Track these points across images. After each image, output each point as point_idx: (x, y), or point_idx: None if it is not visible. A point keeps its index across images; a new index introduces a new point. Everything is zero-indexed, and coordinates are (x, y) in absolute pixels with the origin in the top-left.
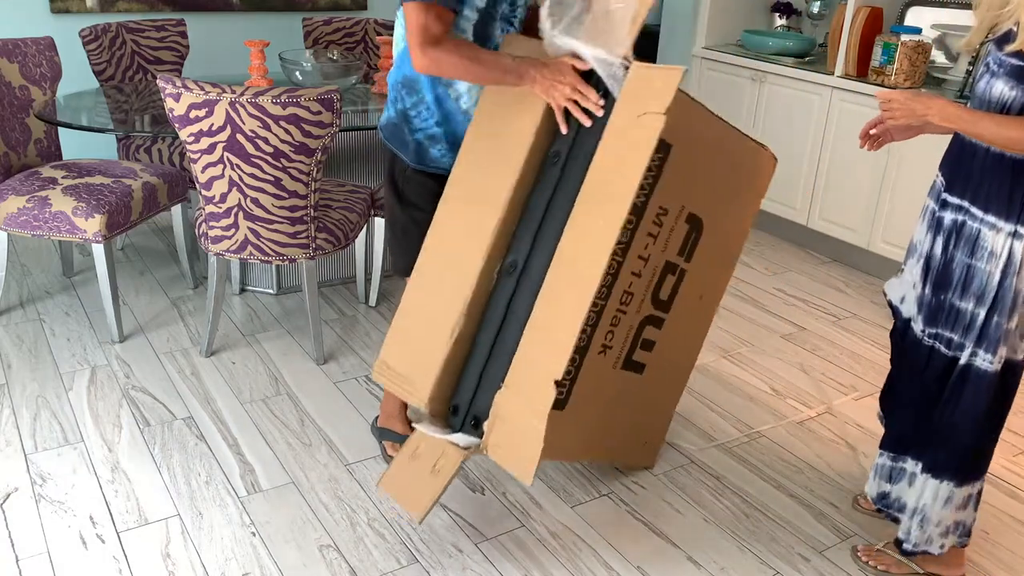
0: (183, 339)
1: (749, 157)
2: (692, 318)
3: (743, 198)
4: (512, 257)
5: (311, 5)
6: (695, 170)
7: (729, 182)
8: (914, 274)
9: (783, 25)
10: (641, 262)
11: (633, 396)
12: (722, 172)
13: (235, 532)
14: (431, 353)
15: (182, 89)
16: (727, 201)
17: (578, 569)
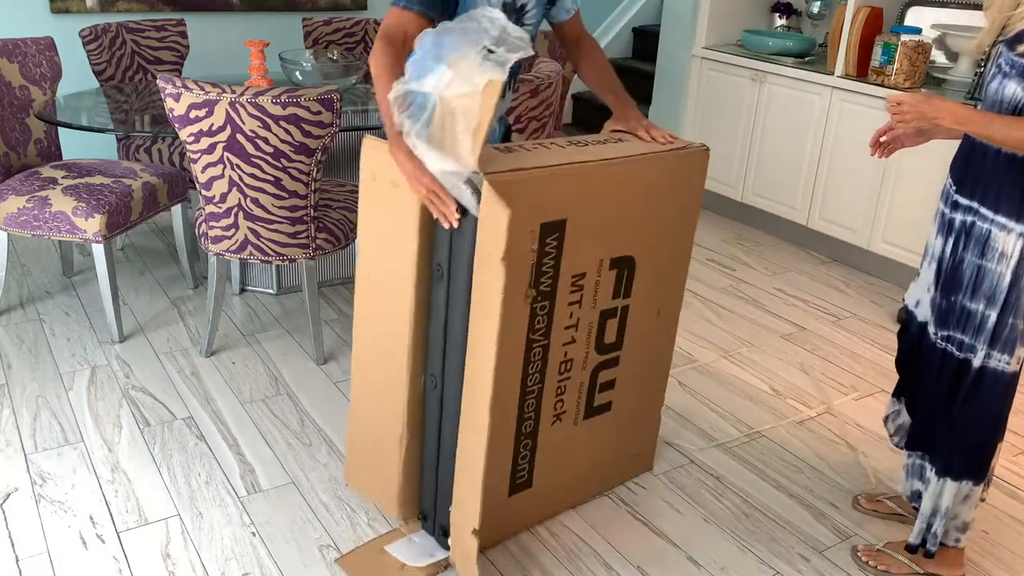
0: (183, 339)
1: (672, 169)
2: (653, 334)
3: (678, 206)
4: (430, 371)
5: (311, 5)
6: (606, 222)
7: (656, 205)
8: (928, 277)
9: (783, 25)
10: (571, 329)
11: (607, 431)
12: (643, 202)
13: (235, 532)
14: (388, 466)
15: (182, 89)
16: (659, 222)
17: (578, 569)
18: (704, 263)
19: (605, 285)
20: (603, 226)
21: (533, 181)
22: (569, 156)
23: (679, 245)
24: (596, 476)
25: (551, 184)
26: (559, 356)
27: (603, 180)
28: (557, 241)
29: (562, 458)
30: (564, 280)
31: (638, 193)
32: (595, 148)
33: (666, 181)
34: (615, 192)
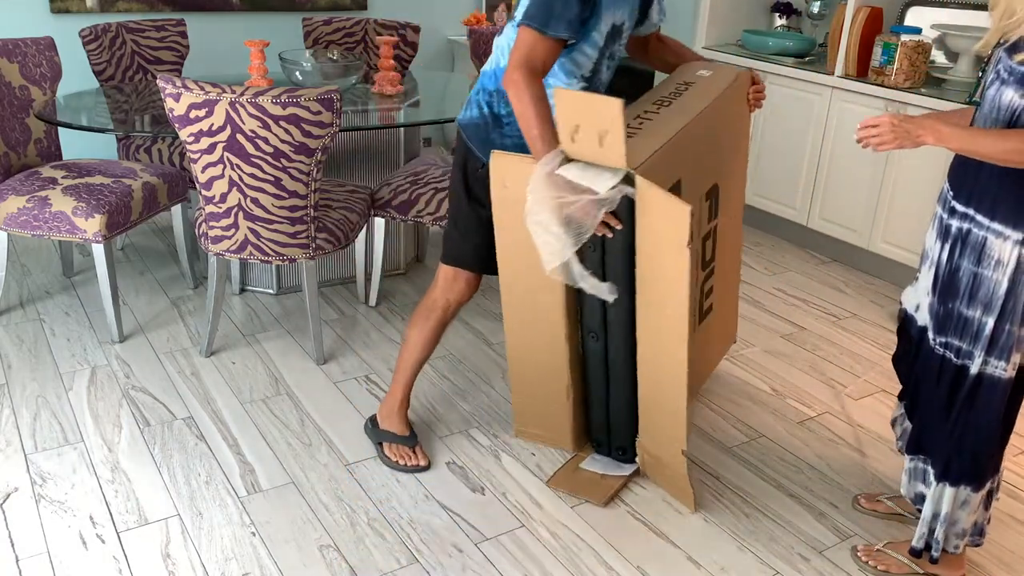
0: (183, 339)
1: (731, 100)
2: (731, 235)
3: (737, 126)
4: (590, 329)
5: (311, 5)
6: (700, 165)
7: (725, 134)
8: (926, 281)
9: (783, 25)
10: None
11: (712, 327)
12: (718, 136)
13: (235, 532)
14: (558, 415)
15: (182, 89)
16: (727, 146)
17: (578, 569)
18: None
19: (703, 216)
20: (698, 169)
21: (662, 158)
22: (671, 122)
23: (739, 154)
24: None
25: (671, 155)
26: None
27: (697, 133)
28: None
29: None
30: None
31: (715, 130)
32: (681, 103)
33: (730, 112)
34: (703, 138)
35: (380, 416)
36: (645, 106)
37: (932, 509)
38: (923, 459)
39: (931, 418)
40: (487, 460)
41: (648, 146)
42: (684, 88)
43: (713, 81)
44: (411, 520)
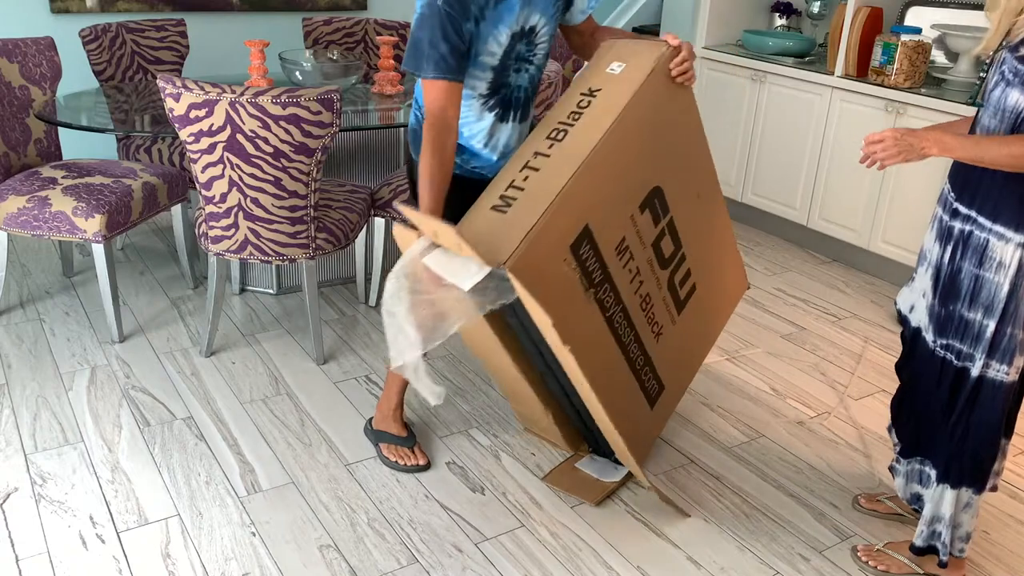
0: (183, 339)
1: (654, 91)
2: (702, 211)
3: (673, 110)
4: (538, 368)
5: (311, 5)
6: (621, 185)
7: (654, 129)
8: (924, 283)
9: (783, 25)
10: (636, 277)
11: (702, 300)
12: (642, 139)
13: (235, 532)
14: (546, 427)
15: (182, 89)
16: (663, 138)
17: (578, 569)
18: None
19: (645, 226)
20: (619, 190)
21: (544, 231)
22: (570, 159)
23: (689, 135)
24: (709, 329)
25: (567, 208)
26: (636, 302)
27: (613, 151)
28: (589, 244)
29: (677, 349)
30: (611, 257)
31: (635, 137)
32: (585, 124)
33: (659, 102)
34: (618, 157)
35: (376, 419)
36: (538, 143)
37: (933, 510)
38: (920, 460)
39: (931, 420)
40: (487, 460)
41: (525, 220)
42: (590, 98)
43: (626, 77)
44: (411, 520)
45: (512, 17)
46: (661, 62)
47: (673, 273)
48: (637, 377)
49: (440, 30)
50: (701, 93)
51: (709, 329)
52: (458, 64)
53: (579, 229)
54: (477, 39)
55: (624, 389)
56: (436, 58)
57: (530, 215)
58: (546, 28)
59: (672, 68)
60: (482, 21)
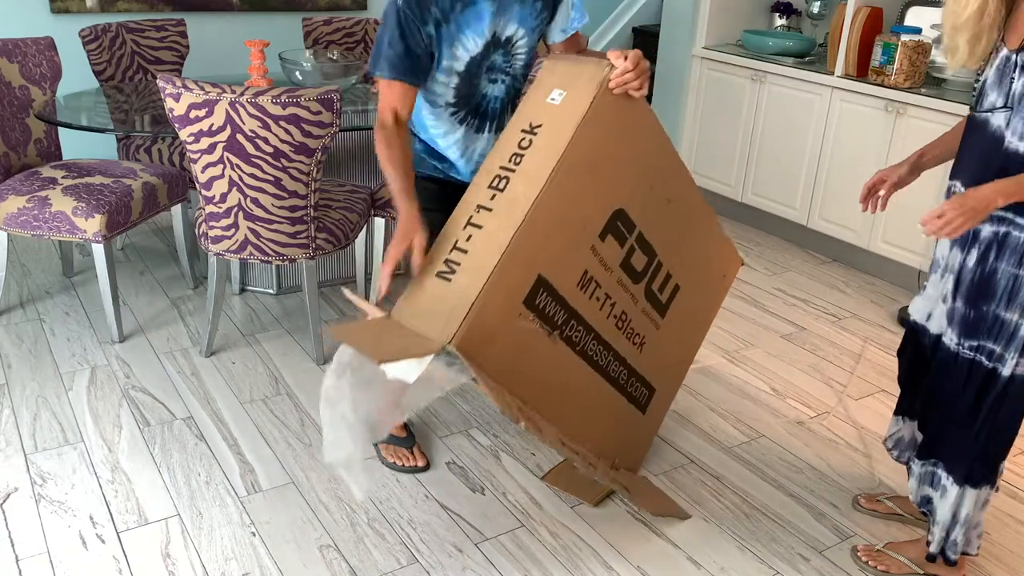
0: (183, 339)
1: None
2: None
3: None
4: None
5: (311, 5)
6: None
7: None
8: (940, 289)
9: (783, 25)
10: (607, 303)
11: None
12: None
13: (235, 532)
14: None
15: (182, 89)
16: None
17: (578, 569)
18: None
19: (609, 252)
20: (573, 229)
21: (492, 297)
22: (513, 210)
23: (649, 146)
24: (701, 319)
25: (510, 274)
26: (610, 324)
27: (549, 206)
28: (546, 292)
29: (665, 351)
30: (573, 295)
31: (583, 172)
32: (526, 167)
33: (601, 133)
34: (566, 198)
35: None
36: (480, 193)
37: (951, 513)
38: (933, 463)
39: (952, 423)
40: (487, 460)
41: (471, 289)
42: (531, 136)
43: (568, 108)
44: (411, 520)
45: (482, 25)
46: (604, 86)
47: (649, 283)
48: (622, 391)
49: (398, 30)
50: (701, 93)
51: (701, 319)
52: (412, 66)
53: (532, 281)
54: (440, 42)
55: (605, 413)
56: (391, 57)
57: (476, 281)
58: (525, 40)
59: (612, 86)
60: (444, 25)
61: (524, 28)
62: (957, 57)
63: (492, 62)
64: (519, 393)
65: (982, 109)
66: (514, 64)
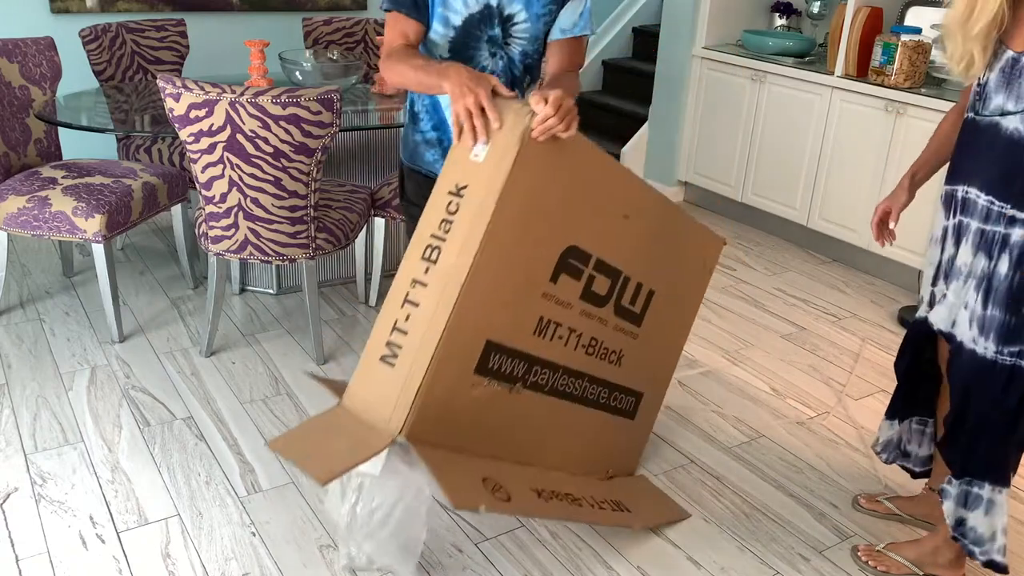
0: (183, 339)
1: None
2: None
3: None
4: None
5: (311, 5)
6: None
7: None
8: (963, 296)
9: (783, 25)
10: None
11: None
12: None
13: (235, 532)
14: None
15: (182, 89)
16: (571, 199)
17: (578, 569)
18: None
19: (565, 290)
20: (517, 284)
21: (438, 377)
22: (441, 297)
23: (592, 174)
24: (685, 310)
25: (454, 349)
26: (579, 354)
27: (486, 271)
28: (498, 353)
29: (646, 356)
30: (530, 344)
31: (519, 225)
32: (451, 248)
33: (534, 181)
34: (503, 257)
35: None
36: (414, 266)
37: (994, 524)
38: (968, 481)
39: (985, 435)
40: None
41: (415, 373)
42: (457, 199)
43: (492, 165)
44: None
45: None
46: (526, 137)
47: (618, 301)
48: (605, 408)
49: None
50: (701, 93)
51: (685, 311)
52: (414, 2)
53: (480, 349)
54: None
55: (587, 434)
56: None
57: (418, 365)
58: (527, 25)
59: (536, 134)
60: None
61: (528, 12)
62: (974, 69)
63: (491, 35)
64: (486, 452)
65: (987, 112)
66: (512, 46)
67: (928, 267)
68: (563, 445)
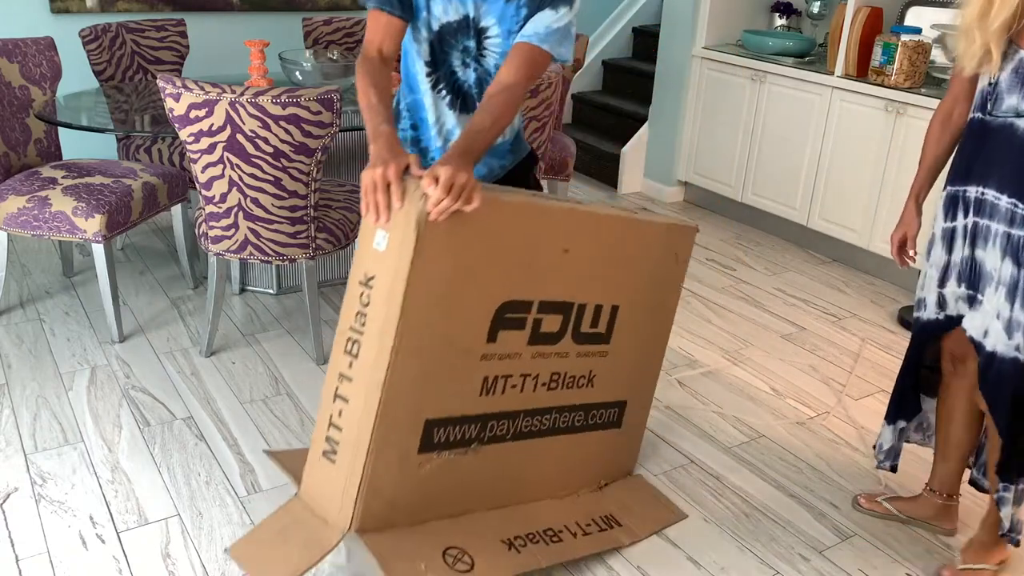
0: (183, 339)
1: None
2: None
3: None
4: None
5: (311, 5)
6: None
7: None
8: (996, 303)
9: (783, 25)
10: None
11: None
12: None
13: (235, 532)
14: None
15: (182, 89)
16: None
17: (578, 569)
18: (704, 263)
19: (507, 345)
20: (448, 358)
21: (379, 466)
22: (368, 391)
23: (512, 231)
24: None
25: (391, 438)
26: (542, 393)
27: (409, 356)
28: (441, 427)
29: (622, 366)
30: (478, 406)
31: (436, 304)
32: (370, 341)
33: (442, 259)
34: (425, 338)
35: None
36: (339, 361)
37: None
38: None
39: None
40: None
41: (355, 467)
42: (368, 291)
43: (394, 252)
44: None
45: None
46: (423, 221)
47: (576, 330)
48: (584, 429)
49: None
50: (701, 93)
51: (660, 309)
52: (400, 1)
53: (420, 430)
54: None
55: (567, 459)
56: None
57: (356, 461)
58: (499, 40)
59: (433, 217)
60: None
61: (501, 27)
62: (989, 66)
63: (467, 45)
64: (455, 511)
65: (999, 113)
66: (487, 58)
67: (933, 268)
68: (542, 476)
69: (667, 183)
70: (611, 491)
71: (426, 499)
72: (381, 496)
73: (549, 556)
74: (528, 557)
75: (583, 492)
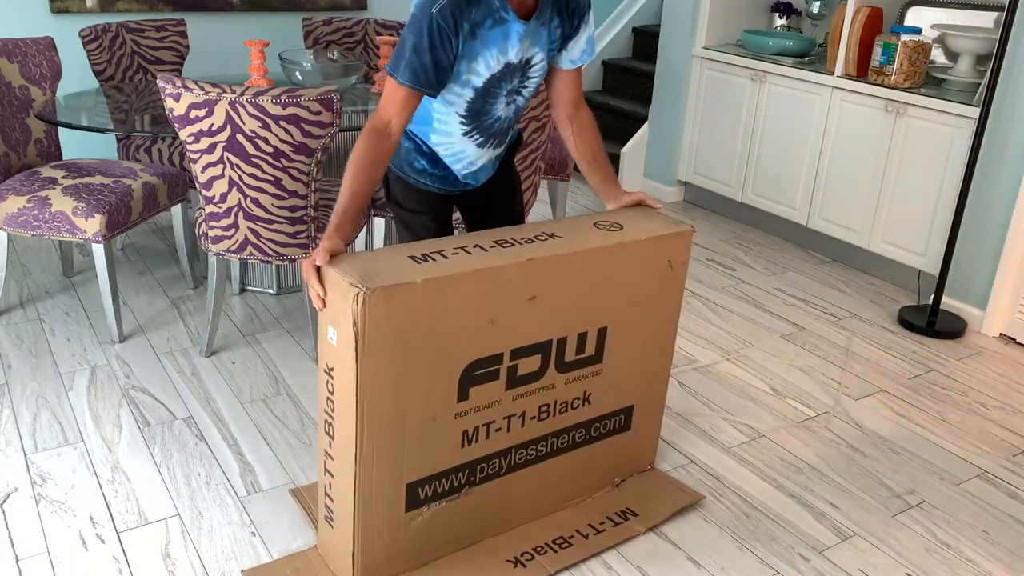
0: (183, 339)
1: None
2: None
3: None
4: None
5: (311, 5)
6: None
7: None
8: None
9: (783, 25)
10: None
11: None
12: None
13: (235, 532)
14: None
15: (182, 89)
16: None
17: (578, 569)
18: (704, 263)
19: (482, 396)
20: (419, 419)
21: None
22: (345, 474)
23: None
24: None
25: (374, 506)
26: (532, 426)
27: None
28: (425, 486)
29: (624, 376)
30: (462, 456)
31: (393, 385)
32: (342, 429)
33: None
34: (394, 404)
35: None
36: (324, 439)
37: None
38: None
39: None
40: None
41: (347, 539)
42: (331, 380)
43: (343, 345)
44: None
45: (507, 44)
46: (359, 317)
47: (559, 360)
48: (586, 443)
49: (427, 39)
50: (701, 93)
51: (660, 316)
52: (435, 78)
53: (403, 493)
54: (462, 57)
55: (572, 475)
56: (415, 65)
57: (348, 526)
58: (541, 64)
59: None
60: (471, 40)
61: (543, 53)
62: None
63: (511, 87)
64: (461, 546)
65: None
66: (528, 86)
67: None
68: (549, 493)
69: (667, 183)
70: (627, 485)
71: (426, 545)
72: (379, 553)
73: (556, 562)
74: (534, 570)
75: (598, 494)
